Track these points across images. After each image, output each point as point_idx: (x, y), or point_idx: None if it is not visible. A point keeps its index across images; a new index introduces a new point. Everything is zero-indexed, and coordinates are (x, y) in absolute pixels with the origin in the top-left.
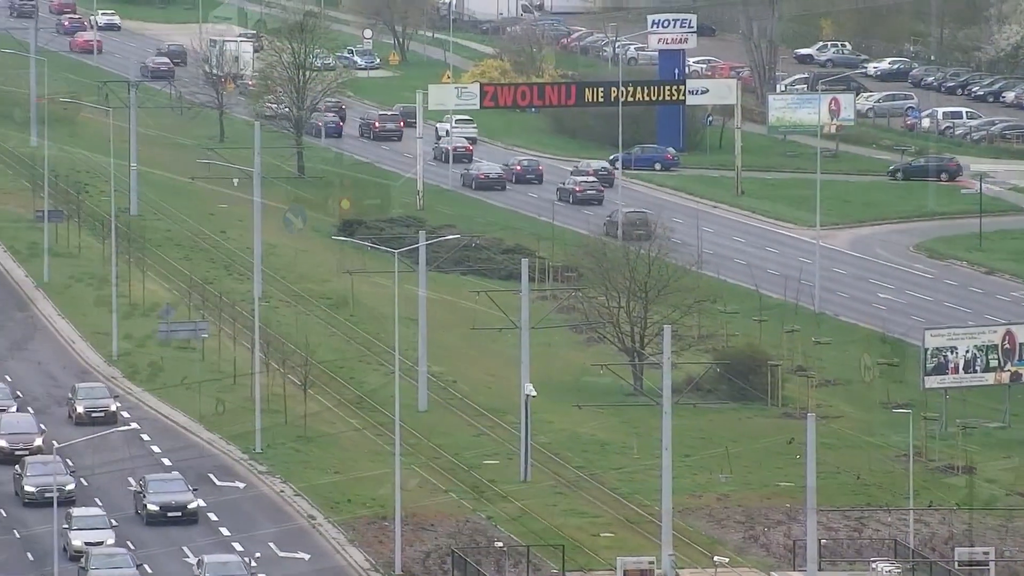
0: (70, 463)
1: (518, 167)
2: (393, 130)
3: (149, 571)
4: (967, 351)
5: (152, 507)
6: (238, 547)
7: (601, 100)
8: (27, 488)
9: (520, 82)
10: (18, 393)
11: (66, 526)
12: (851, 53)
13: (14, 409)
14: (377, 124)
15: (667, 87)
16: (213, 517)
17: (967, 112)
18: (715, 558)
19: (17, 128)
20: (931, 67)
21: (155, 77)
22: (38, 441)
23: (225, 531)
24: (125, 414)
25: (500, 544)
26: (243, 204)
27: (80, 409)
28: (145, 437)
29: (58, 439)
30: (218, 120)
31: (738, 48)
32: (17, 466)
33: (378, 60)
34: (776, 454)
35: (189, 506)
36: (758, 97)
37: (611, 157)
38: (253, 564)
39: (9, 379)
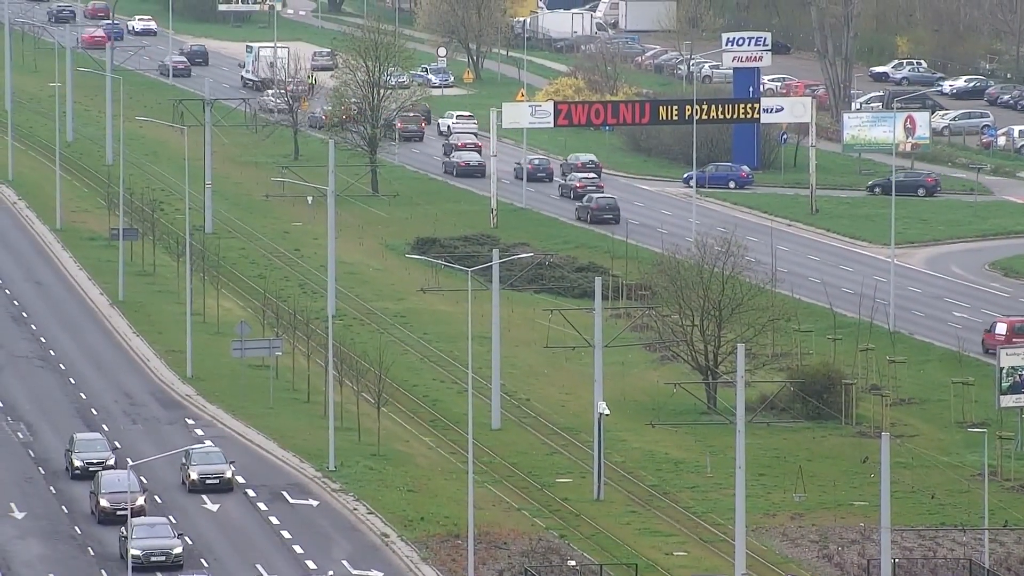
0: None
1: (530, 165)
2: (415, 131)
3: None
4: None
5: None
6: (311, 565)
7: (675, 118)
8: (133, 552)
9: (594, 100)
10: (116, 444)
11: None
12: (927, 71)
13: (112, 462)
14: (400, 124)
15: (741, 105)
16: (287, 535)
17: None
18: None
19: (94, 146)
20: (1007, 85)
21: (174, 75)
22: (140, 500)
23: (299, 549)
24: (199, 432)
25: (573, 563)
26: (317, 222)
27: (194, 475)
28: None
29: (157, 498)
30: (292, 138)
31: (813, 66)
32: (122, 528)
33: (452, 78)
34: (850, 473)
35: None
36: (833, 115)
37: (685, 175)
38: None
39: (84, 396)
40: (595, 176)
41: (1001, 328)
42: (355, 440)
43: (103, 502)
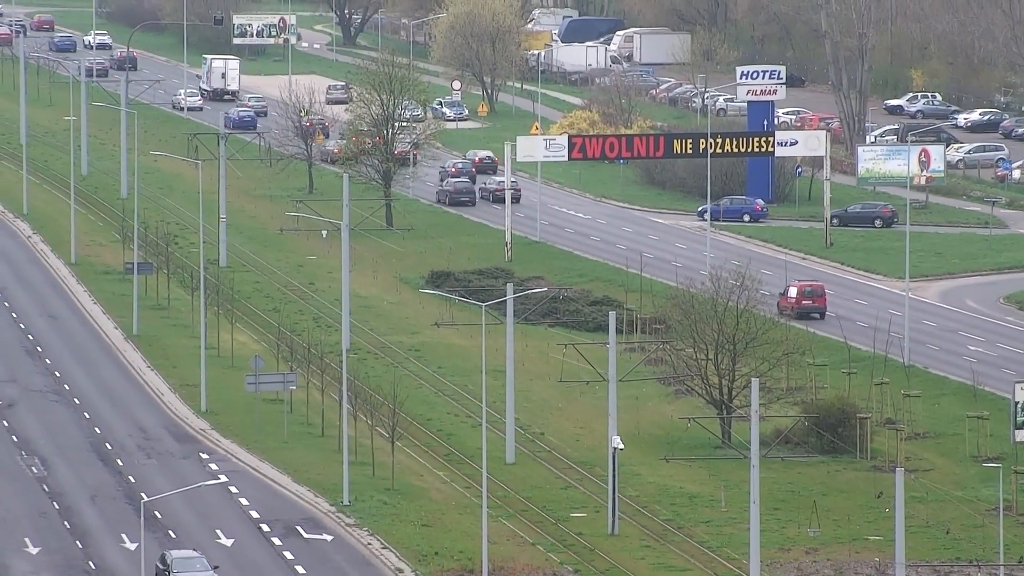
0: None
1: (453, 169)
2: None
3: None
4: None
5: None
6: None
7: (690, 151)
8: None
9: (609, 133)
10: (217, 567)
11: None
12: (941, 104)
13: None
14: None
15: (756, 138)
16: (301, 570)
17: None
18: None
19: (108, 180)
20: (1022, 118)
21: (89, 75)
22: None
23: None
24: (213, 466)
25: None
26: (332, 255)
27: None
28: (233, 490)
29: None
30: (307, 172)
31: (827, 99)
32: None
33: (467, 111)
34: (865, 507)
35: None
36: (847, 148)
37: (700, 208)
38: None
39: (98, 431)
40: (514, 181)
41: (792, 292)
42: (369, 474)
43: None
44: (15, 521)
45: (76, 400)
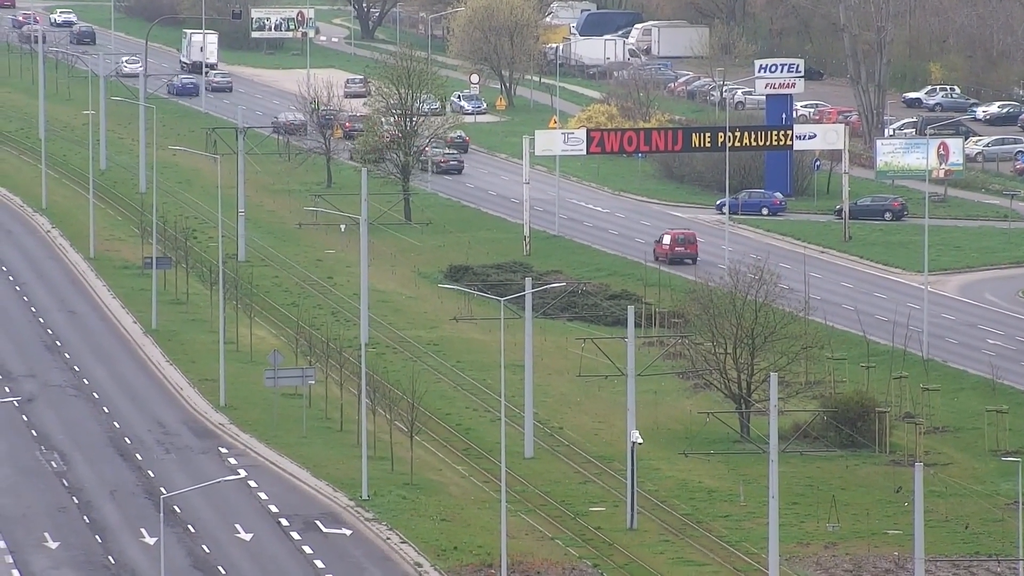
0: None
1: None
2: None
3: None
4: None
5: None
6: None
7: (708, 145)
8: None
9: (627, 127)
10: None
11: None
12: (960, 97)
13: None
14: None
15: (774, 132)
16: (320, 564)
17: None
18: None
19: (127, 174)
20: None
21: (23, 41)
22: None
23: None
24: (232, 461)
25: None
26: (350, 250)
27: None
28: (252, 484)
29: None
30: (325, 166)
31: (846, 92)
32: None
33: (485, 105)
34: (884, 502)
35: None
36: (866, 142)
37: (718, 202)
38: None
39: (117, 426)
40: (456, 152)
41: (667, 239)
42: (388, 469)
43: None
44: (35, 516)
45: (95, 395)
